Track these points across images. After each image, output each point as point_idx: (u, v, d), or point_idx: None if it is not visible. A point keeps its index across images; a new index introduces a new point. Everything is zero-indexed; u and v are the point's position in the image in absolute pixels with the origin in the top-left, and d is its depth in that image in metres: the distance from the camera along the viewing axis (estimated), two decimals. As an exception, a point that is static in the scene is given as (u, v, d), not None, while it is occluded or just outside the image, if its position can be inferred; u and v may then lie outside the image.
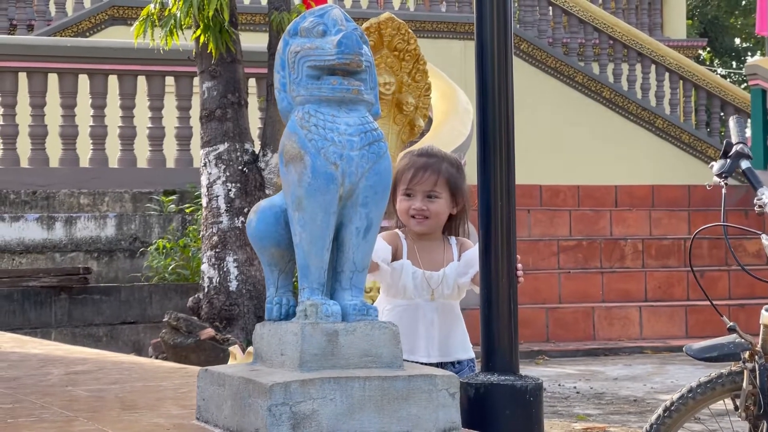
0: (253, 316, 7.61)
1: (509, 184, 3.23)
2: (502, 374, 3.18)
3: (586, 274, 10.07)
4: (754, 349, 3.06)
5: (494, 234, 3.22)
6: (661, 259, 10.56)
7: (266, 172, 7.73)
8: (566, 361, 8.36)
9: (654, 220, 11.14)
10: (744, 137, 3.20)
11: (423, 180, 3.44)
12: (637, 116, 16.20)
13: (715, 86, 16.57)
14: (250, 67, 8.31)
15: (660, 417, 3.14)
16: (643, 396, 6.80)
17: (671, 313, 9.59)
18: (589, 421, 5.93)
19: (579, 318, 9.41)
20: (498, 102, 3.26)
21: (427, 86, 7.87)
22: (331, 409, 2.88)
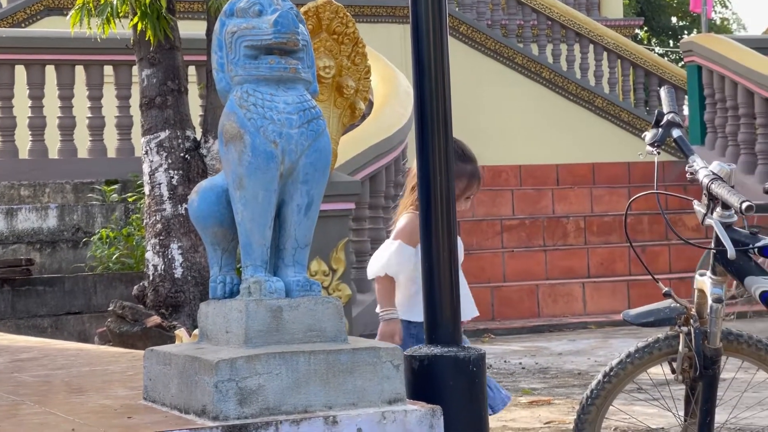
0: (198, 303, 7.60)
1: (448, 162, 3.27)
2: (446, 346, 3.22)
3: (530, 252, 10.17)
4: (689, 313, 3.12)
5: (434, 211, 3.26)
6: (602, 236, 10.69)
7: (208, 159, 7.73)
8: (512, 339, 8.44)
9: (595, 197, 11.27)
10: (675, 106, 3.26)
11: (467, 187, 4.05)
12: (577, 96, 16.33)
13: (653, 64, 16.74)
14: (190, 55, 8.29)
15: (600, 382, 3.20)
16: (587, 369, 6.90)
17: (613, 289, 9.71)
18: (534, 395, 6.01)
19: (523, 296, 9.51)
20: (435, 83, 3.30)
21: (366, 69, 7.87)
22: (277, 384, 2.92)
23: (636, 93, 16.95)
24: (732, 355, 3.16)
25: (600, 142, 15.82)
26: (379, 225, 9.11)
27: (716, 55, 12.22)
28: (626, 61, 16.53)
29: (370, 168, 8.82)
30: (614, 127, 16.31)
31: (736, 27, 35.34)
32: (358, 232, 8.75)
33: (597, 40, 16.25)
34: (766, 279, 3.04)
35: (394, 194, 9.54)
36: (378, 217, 9.11)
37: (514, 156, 13.29)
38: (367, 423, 2.94)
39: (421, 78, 3.32)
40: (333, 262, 7.83)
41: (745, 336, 3.16)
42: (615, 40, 16.37)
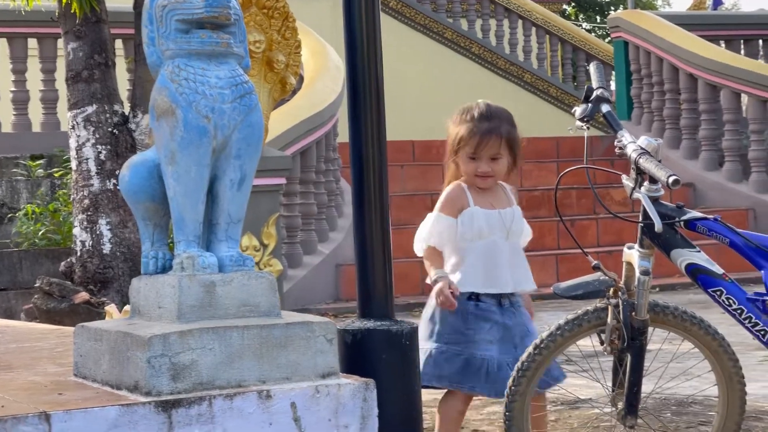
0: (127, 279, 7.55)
1: (380, 137, 3.29)
2: (378, 320, 3.25)
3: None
4: (618, 285, 3.17)
5: (367, 186, 3.28)
6: (532, 210, 10.75)
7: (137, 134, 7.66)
8: (402, 315, 8.46)
9: (524, 172, 11.33)
10: (604, 82, 3.30)
11: (488, 146, 3.68)
12: (506, 71, 16.43)
13: (581, 40, 16.89)
14: (117, 28, 8.20)
15: (531, 354, 3.24)
16: (517, 342, 6.96)
17: (543, 262, 9.79)
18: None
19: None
20: (367, 57, 3.31)
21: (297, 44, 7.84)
22: (210, 359, 2.92)
23: (564, 68, 17.08)
24: (658, 327, 3.22)
25: (529, 117, 15.86)
26: (309, 200, 9.11)
27: (642, 31, 12.34)
28: (554, 37, 16.65)
29: (301, 143, 8.81)
30: (543, 102, 16.44)
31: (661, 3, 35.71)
32: (288, 207, 8.75)
33: (526, 16, 16.33)
34: (691, 251, 3.10)
35: (324, 169, 9.54)
36: (309, 192, 9.11)
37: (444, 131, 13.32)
38: (301, 397, 2.96)
39: (353, 53, 3.33)
40: (264, 237, 7.81)
41: (671, 308, 3.22)
42: (543, 16, 16.47)
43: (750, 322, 3.03)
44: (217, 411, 2.88)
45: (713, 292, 3.07)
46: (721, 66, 11.34)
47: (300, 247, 8.94)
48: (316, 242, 9.23)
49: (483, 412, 4.92)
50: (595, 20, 32.11)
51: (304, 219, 9.06)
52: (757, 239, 3.05)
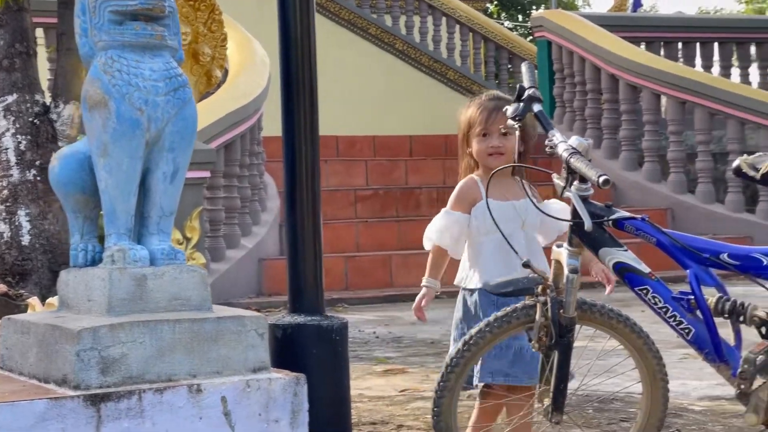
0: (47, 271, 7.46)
1: (313, 132, 3.30)
2: (309, 315, 3.26)
3: (383, 222, 10.25)
4: (547, 283, 3.20)
5: (299, 181, 3.28)
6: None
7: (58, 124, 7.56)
8: (365, 308, 8.51)
9: (447, 169, 11.40)
10: (535, 81, 3.34)
11: (497, 119, 3.63)
12: (430, 68, 16.48)
13: (503, 38, 17.00)
14: (38, 17, 8.08)
15: (460, 351, 3.26)
16: (440, 338, 7.00)
17: (461, 258, 9.84)
18: (389, 364, 6.09)
19: (377, 266, 9.58)
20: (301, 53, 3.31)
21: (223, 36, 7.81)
22: (140, 353, 2.91)
23: (487, 66, 17.18)
24: (586, 324, 3.26)
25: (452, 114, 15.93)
26: (233, 194, 9.07)
27: (566, 31, 12.47)
28: (478, 35, 16.74)
29: (225, 136, 8.77)
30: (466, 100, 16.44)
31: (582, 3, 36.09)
32: (212, 200, 8.70)
33: (449, 13, 16.41)
34: (619, 250, 3.14)
35: (249, 163, 9.51)
36: (233, 186, 9.07)
37: (368, 127, 13.36)
38: (232, 391, 2.96)
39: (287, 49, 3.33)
40: (187, 231, 7.77)
41: (598, 306, 3.26)
42: (467, 14, 16.55)
43: (675, 321, 3.08)
44: (146, 405, 2.87)
45: (640, 290, 3.12)
46: (641, 67, 11.50)
47: (223, 241, 8.90)
48: (240, 236, 9.20)
49: (408, 407, 4.94)
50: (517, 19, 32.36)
51: (228, 213, 9.02)
52: (683, 239, 3.10)
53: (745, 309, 3.00)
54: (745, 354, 2.93)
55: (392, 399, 5.15)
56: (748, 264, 3.01)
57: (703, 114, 11.16)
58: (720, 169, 11.36)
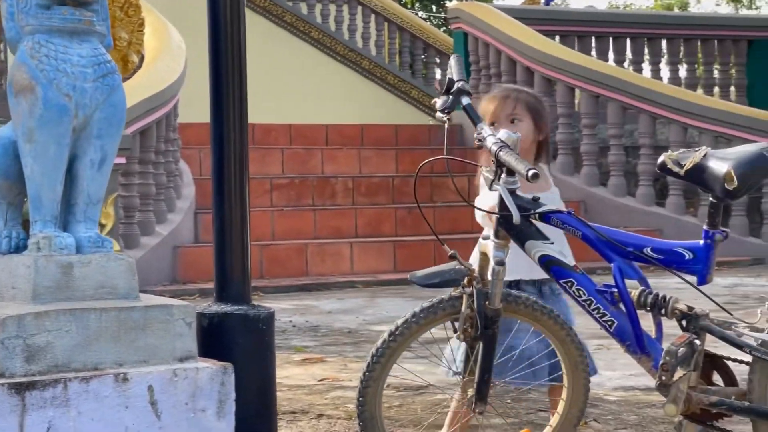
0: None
1: (242, 120, 3.29)
2: (236, 304, 3.25)
3: (299, 211, 10.24)
4: (472, 275, 3.24)
5: (228, 169, 3.27)
6: (370, 197, 10.87)
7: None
8: (281, 297, 8.50)
9: (363, 158, 11.43)
10: (464, 74, 3.36)
11: (504, 106, 3.65)
12: (345, 57, 16.48)
13: (418, 29, 17.06)
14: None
15: (385, 341, 3.28)
16: (357, 327, 7.03)
17: (380, 249, 9.89)
18: (307, 353, 6.10)
19: (292, 254, 9.58)
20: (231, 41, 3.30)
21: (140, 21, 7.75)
22: (66, 341, 2.89)
23: (402, 56, 17.23)
24: (510, 316, 3.30)
25: (368, 104, 16.04)
26: (148, 180, 8.98)
27: (482, 23, 12.56)
28: (393, 24, 16.78)
29: (141, 122, 8.68)
30: (381, 90, 16.55)
31: (497, -5, 36.33)
32: (127, 187, 8.61)
33: (365, 2, 16.41)
34: (545, 243, 3.19)
35: (164, 149, 9.43)
36: (148, 173, 8.98)
37: (284, 115, 13.33)
38: (159, 380, 2.94)
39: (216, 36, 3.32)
40: (102, 217, 7.69)
41: (523, 298, 3.30)
42: (382, 3, 16.57)
43: (598, 313, 3.13)
44: (72, 394, 2.85)
45: (564, 283, 3.17)
46: (556, 60, 11.63)
47: (138, 228, 8.82)
48: (154, 223, 9.12)
49: (327, 396, 4.96)
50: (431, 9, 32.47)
51: (143, 199, 8.93)
52: (608, 233, 3.15)
53: (666, 302, 3.06)
54: (667, 346, 2.99)
55: (311, 388, 5.15)
56: (671, 258, 3.07)
57: (615, 108, 11.33)
58: (631, 163, 11.55)
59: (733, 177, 2.87)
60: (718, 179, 2.90)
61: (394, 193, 10.94)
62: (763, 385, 2.98)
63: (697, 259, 3.03)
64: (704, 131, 11.02)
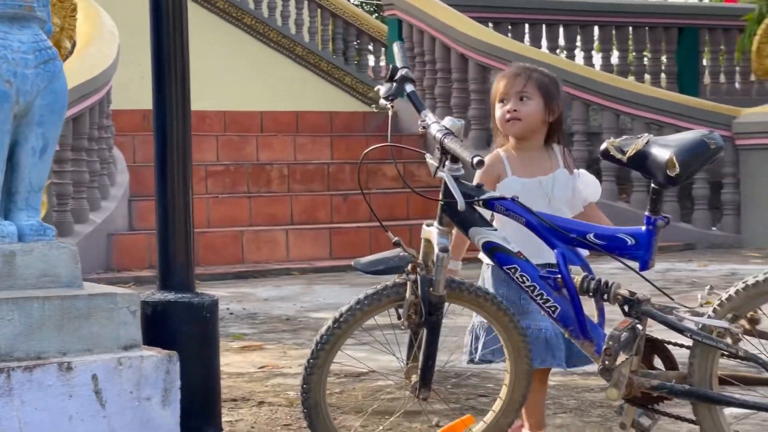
0: None
1: (185, 108, 3.27)
2: (179, 292, 3.24)
3: (234, 198, 10.20)
4: (416, 262, 3.25)
5: (170, 156, 3.25)
6: (305, 184, 10.85)
7: None
8: (217, 284, 8.46)
9: (298, 145, 11.40)
10: (407, 62, 3.37)
11: (514, 83, 3.56)
12: (278, 43, 16.41)
13: (352, 15, 17.04)
14: None
15: (329, 328, 3.28)
16: (295, 315, 7.02)
17: (316, 236, 9.89)
18: (245, 340, 6.08)
19: (228, 242, 9.54)
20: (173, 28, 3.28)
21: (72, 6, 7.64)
22: (9, 330, 2.86)
23: (335, 43, 17.19)
24: (454, 302, 3.32)
25: (302, 91, 15.99)
26: (82, 168, 8.89)
27: (416, 10, 12.56)
28: (326, 11, 16.74)
29: (73, 109, 8.58)
30: (314, 76, 16.52)
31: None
32: (60, 174, 8.52)
33: (299, -12, 16.36)
34: (489, 230, 3.21)
35: (98, 136, 9.34)
36: (81, 160, 8.89)
37: (219, 102, 13.24)
38: (103, 369, 2.93)
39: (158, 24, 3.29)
40: (35, 205, 7.59)
41: (466, 284, 3.32)
42: (316, -11, 16.54)
43: (542, 299, 3.16)
44: (15, 383, 2.82)
45: (508, 269, 3.19)
46: (490, 47, 11.67)
47: (71, 216, 8.73)
48: (88, 211, 9.03)
49: (268, 384, 4.95)
50: (364, -4, 32.43)
51: (76, 187, 8.84)
52: (551, 219, 3.18)
53: (609, 288, 3.09)
54: (610, 331, 3.03)
55: (251, 376, 5.14)
56: (613, 244, 3.10)
57: (549, 95, 11.39)
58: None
59: (675, 164, 2.91)
60: (661, 166, 2.94)
61: (330, 180, 10.93)
62: (703, 369, 3.03)
63: (639, 244, 3.07)
64: (636, 118, 11.15)
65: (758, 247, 10.55)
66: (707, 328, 2.98)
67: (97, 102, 9.23)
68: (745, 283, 2.96)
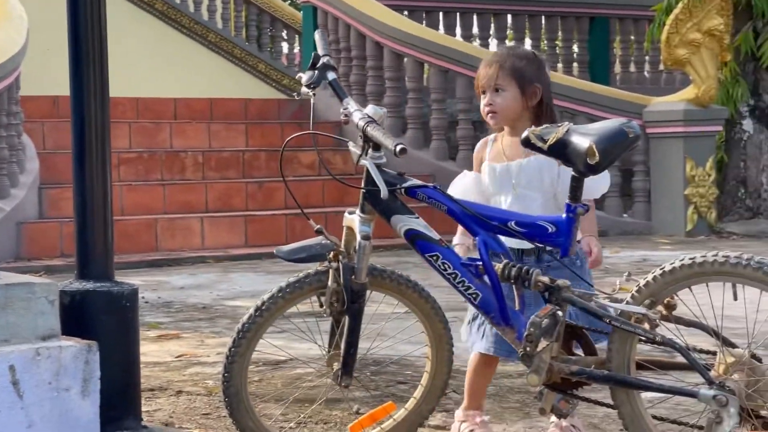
0: None
1: (103, 94, 3.23)
2: (98, 281, 3.20)
3: (148, 186, 10.09)
4: (338, 249, 3.25)
5: (89, 144, 3.21)
6: (220, 171, 10.78)
7: None
8: (131, 273, 8.36)
9: (213, 132, 11.32)
10: (328, 50, 3.36)
11: (487, 74, 3.49)
12: (191, 30, 16.29)
13: (265, 2, 16.96)
14: None
15: (251, 317, 3.27)
16: (211, 303, 6.98)
17: (231, 224, 9.83)
18: (161, 329, 6.03)
19: (142, 230, 9.44)
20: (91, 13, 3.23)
21: (-19, -9, 7.50)
22: (-77, 321, 2.80)
23: (249, 30, 17.10)
24: (376, 290, 3.33)
25: (216, 78, 15.88)
26: (-10, 154, 8.74)
27: (331, -3, 12.56)
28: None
29: (-18, 95, 8.43)
30: (228, 63, 16.42)
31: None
32: (-32, 161, 8.36)
33: (212, -25, 16.24)
34: (410, 218, 3.22)
35: (6, 123, 9.17)
36: (-11, 147, 8.74)
37: (131, 89, 13.08)
38: (21, 360, 2.88)
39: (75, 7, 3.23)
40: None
41: (388, 272, 3.33)
42: (229, -24, 16.43)
43: (463, 286, 3.18)
44: (-70, 375, 2.76)
45: (430, 256, 3.20)
46: (405, 35, 11.70)
47: (-21, 204, 8.58)
48: (-3, 199, 8.89)
49: (185, 373, 4.92)
50: (277, -17, 32.26)
51: (-14, 174, 8.70)
52: (473, 207, 3.20)
53: (530, 275, 3.12)
54: (532, 318, 3.05)
55: (168, 365, 5.10)
56: (534, 231, 3.13)
57: (464, 83, 11.46)
58: (479, 137, 11.68)
59: (594, 152, 2.94)
60: (581, 154, 2.97)
61: (245, 168, 10.87)
62: (621, 354, 3.07)
63: (559, 232, 3.10)
64: (549, 106, 11.24)
65: (668, 233, 10.74)
66: (626, 314, 3.02)
67: (6, 88, 9.08)
68: (663, 269, 3.00)
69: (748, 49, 11.48)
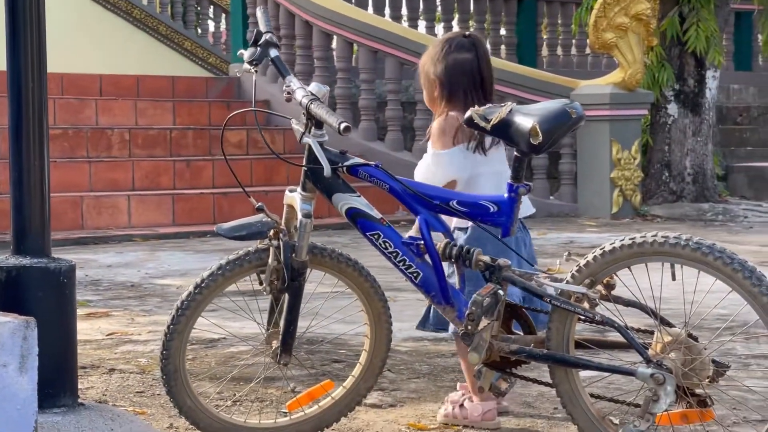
0: None
1: (41, 68, 3.17)
2: (35, 257, 3.15)
3: (73, 163, 9.96)
4: (279, 227, 3.24)
5: (26, 119, 3.15)
6: (147, 149, 10.68)
7: None
8: (57, 251, 8.03)
9: (140, 110, 11.21)
10: (270, 26, 3.34)
11: None
12: (115, 6, 16.08)
13: (192, -21, 16.80)
14: None
15: (191, 294, 3.25)
16: (140, 281, 6.93)
17: (159, 202, 9.74)
18: (90, 307, 5.97)
19: (67, 208, 9.32)
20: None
21: None
22: None
23: (174, 7, 16.93)
24: (316, 268, 3.32)
25: (142, 55, 15.70)
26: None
27: (260, -24, 12.47)
28: (166, -26, 16.47)
29: None
30: (154, 41, 16.23)
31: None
32: None
33: (138, -50, 16.04)
34: (352, 196, 3.22)
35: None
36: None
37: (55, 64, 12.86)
38: (-44, 337, 2.82)
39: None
40: None
41: (328, 250, 3.33)
42: (155, -48, 16.23)
43: (404, 265, 3.19)
44: None
45: (371, 235, 3.20)
46: (335, 15, 11.66)
47: None
48: (-65, 175, 8.72)
49: (117, 351, 4.88)
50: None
51: None
52: (414, 186, 3.20)
53: (471, 254, 3.13)
54: (473, 297, 3.07)
55: (99, 343, 5.06)
56: (476, 211, 3.14)
57: (393, 64, 11.47)
58: (408, 118, 11.73)
59: (538, 132, 2.96)
60: (524, 134, 2.99)
61: (172, 146, 10.78)
62: (560, 333, 3.10)
63: (501, 212, 3.12)
64: (478, 88, 11.28)
65: (593, 216, 10.86)
66: (566, 293, 3.05)
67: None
68: (603, 249, 3.03)
69: (674, 34, 11.63)
